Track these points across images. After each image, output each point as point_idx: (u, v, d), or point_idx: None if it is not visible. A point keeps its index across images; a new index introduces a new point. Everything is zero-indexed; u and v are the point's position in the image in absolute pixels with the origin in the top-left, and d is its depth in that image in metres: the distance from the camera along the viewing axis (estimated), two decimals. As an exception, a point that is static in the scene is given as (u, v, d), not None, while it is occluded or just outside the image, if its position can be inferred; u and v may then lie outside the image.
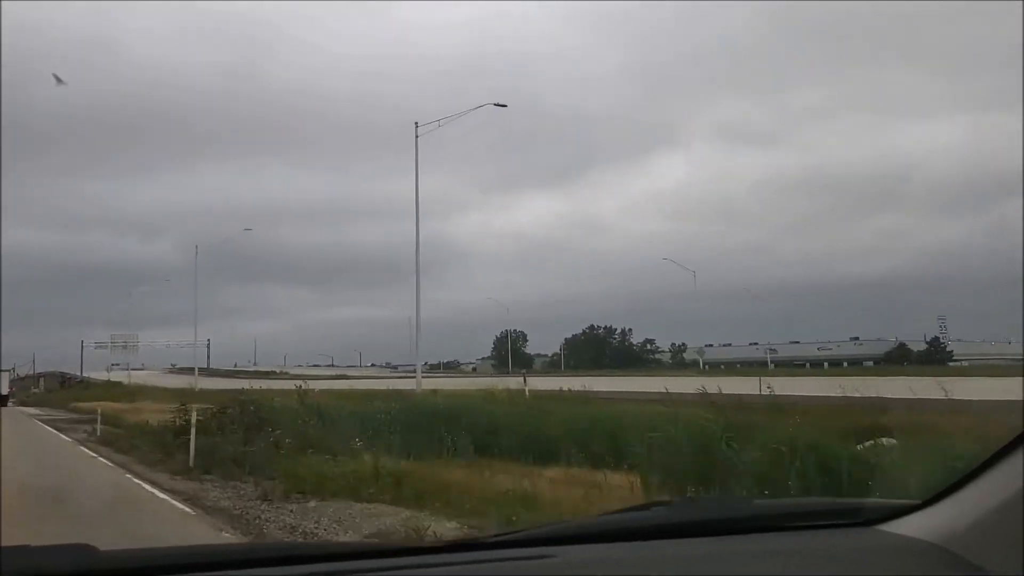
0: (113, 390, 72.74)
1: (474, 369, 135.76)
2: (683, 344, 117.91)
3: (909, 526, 2.08)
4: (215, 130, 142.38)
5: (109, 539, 4.07)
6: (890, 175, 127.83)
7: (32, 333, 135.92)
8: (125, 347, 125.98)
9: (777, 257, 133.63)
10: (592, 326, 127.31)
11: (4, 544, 1.79)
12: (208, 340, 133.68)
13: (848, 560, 2.03)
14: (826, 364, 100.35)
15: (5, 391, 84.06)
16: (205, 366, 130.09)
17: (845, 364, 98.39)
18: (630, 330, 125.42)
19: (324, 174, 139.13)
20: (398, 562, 1.98)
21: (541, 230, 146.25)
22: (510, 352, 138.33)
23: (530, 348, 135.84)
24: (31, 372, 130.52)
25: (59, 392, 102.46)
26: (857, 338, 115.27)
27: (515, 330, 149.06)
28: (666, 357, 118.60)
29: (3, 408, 61.39)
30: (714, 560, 2.03)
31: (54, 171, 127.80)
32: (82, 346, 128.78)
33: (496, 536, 2.24)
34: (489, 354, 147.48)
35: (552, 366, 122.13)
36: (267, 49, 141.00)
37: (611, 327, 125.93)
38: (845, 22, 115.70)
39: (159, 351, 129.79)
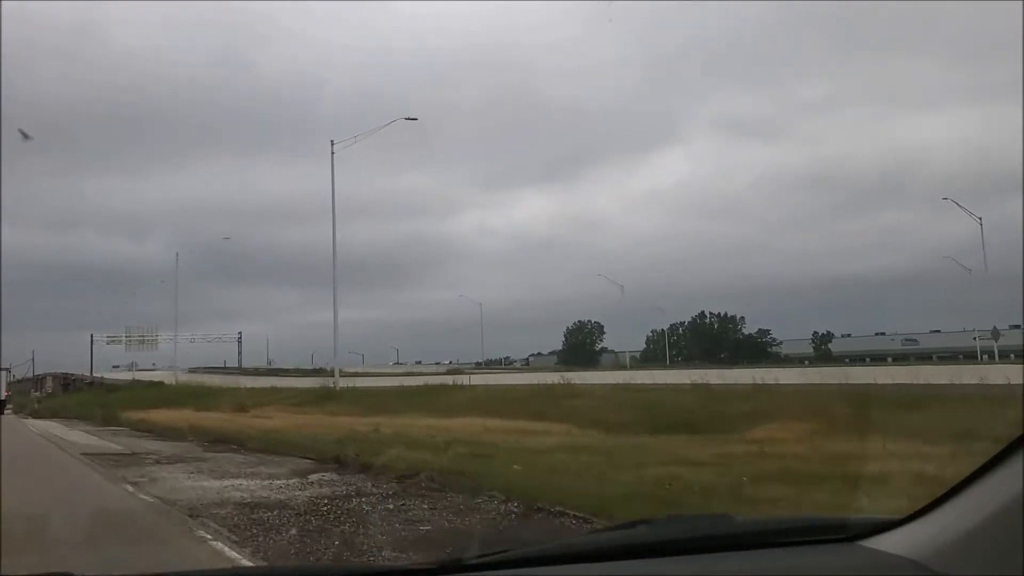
0: (161, 393, 51.55)
1: (526, 363, 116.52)
2: (828, 332, 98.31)
3: (891, 542, 2.06)
4: (206, 124, 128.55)
5: None
6: (897, 169, 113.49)
7: (18, 335, 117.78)
8: (143, 342, 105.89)
9: (783, 254, 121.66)
10: (702, 313, 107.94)
11: None
12: (239, 333, 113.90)
13: None
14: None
15: (2, 395, 65.56)
16: (237, 364, 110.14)
17: (1013, 356, 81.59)
18: (742, 318, 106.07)
19: (319, 170, 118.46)
20: None
21: (539, 227, 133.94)
22: (577, 347, 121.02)
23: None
24: (30, 373, 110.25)
25: (64, 397, 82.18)
26: (1020, 326, 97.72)
27: (591, 321, 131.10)
28: (794, 349, 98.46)
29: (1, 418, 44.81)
30: None
31: (38, 168, 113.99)
32: (91, 340, 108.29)
33: (479, 557, 2.09)
34: (558, 348, 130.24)
35: (644, 360, 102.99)
36: (260, 40, 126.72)
37: (725, 314, 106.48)
38: (850, 11, 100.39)
39: (182, 347, 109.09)
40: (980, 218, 54.16)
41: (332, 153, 42.30)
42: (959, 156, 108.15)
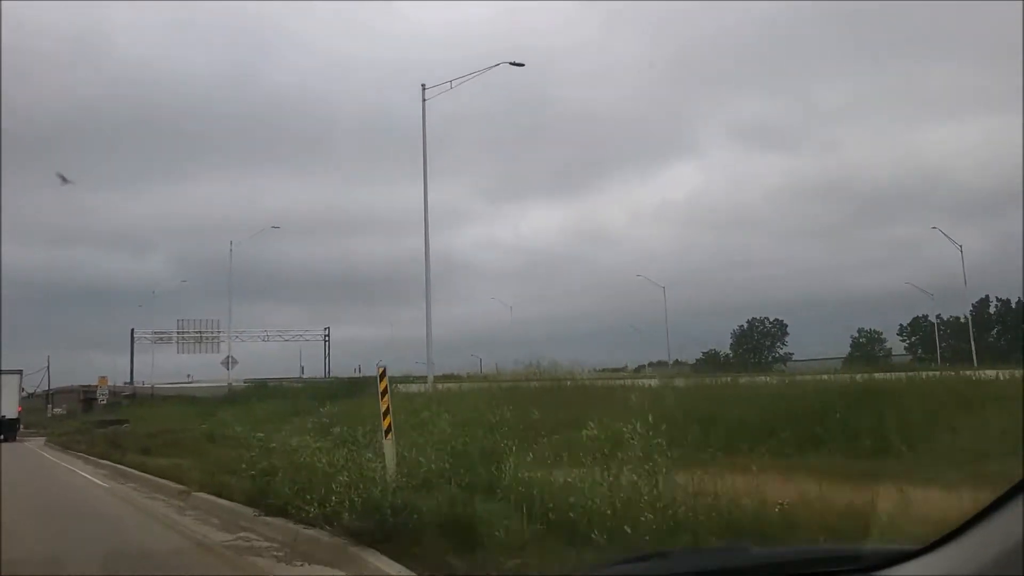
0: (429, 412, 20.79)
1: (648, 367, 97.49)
2: None
3: (907, 573, 2.01)
4: (211, 136, 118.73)
5: None
6: (920, 179, 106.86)
7: (17, 350, 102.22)
8: (200, 339, 76.60)
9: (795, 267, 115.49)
10: (985, 298, 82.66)
11: None
12: (327, 330, 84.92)
13: None
14: None
15: (12, 412, 45.74)
16: (325, 374, 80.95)
17: None
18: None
19: (327, 183, 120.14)
20: None
21: (549, 239, 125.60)
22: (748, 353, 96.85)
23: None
24: (44, 385, 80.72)
25: (128, 411, 52.32)
26: None
27: (768, 319, 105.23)
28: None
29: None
30: None
31: (36, 181, 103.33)
32: (132, 337, 78.91)
33: None
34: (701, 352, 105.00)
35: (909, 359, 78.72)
36: (266, 49, 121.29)
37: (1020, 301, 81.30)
38: (871, 13, 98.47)
39: (246, 346, 79.91)
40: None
41: (424, 100, 35.44)
42: (988, 165, 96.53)
